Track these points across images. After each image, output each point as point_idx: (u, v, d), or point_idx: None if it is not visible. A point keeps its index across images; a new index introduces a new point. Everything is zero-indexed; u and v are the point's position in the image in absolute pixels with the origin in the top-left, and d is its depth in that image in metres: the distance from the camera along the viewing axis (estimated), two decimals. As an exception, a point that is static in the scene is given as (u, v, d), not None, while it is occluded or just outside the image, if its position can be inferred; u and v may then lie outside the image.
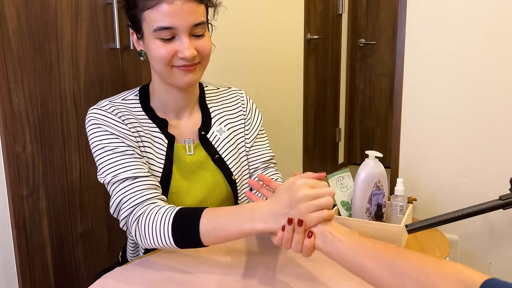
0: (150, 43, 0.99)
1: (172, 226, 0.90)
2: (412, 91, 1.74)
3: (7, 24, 1.24)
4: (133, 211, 0.97)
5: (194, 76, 1.02)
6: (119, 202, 0.98)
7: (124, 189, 0.97)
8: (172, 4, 0.94)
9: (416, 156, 1.77)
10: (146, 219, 0.94)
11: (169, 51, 0.97)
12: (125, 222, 0.98)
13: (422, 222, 1.23)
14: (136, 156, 1.01)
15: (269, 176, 1.17)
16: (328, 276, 0.91)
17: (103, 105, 1.04)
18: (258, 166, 1.18)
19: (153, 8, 0.95)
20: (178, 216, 0.91)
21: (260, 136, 1.20)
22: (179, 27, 0.95)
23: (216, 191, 1.11)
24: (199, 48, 0.99)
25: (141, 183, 0.98)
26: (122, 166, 0.98)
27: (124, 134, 1.01)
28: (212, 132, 1.13)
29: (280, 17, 2.76)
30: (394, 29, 3.50)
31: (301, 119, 3.16)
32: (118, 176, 0.98)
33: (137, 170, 0.98)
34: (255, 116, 1.20)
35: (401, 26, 1.72)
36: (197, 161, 1.10)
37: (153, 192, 0.99)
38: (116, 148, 1.00)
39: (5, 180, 1.29)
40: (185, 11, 0.95)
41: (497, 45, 1.58)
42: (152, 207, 0.95)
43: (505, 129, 1.61)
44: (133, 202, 0.96)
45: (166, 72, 1.00)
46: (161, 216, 0.92)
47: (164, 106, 1.08)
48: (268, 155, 1.19)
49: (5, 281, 1.33)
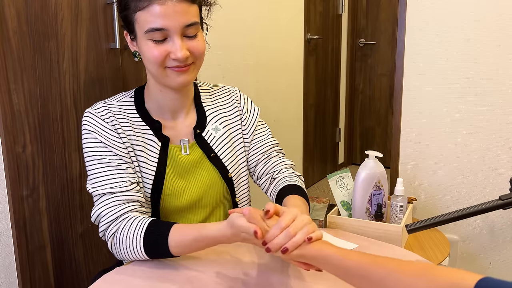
0: (142, 44, 0.98)
1: (144, 243, 0.95)
2: (412, 91, 1.74)
3: (7, 24, 1.24)
4: (109, 227, 0.99)
5: (188, 76, 1.01)
6: (98, 216, 1.00)
7: (103, 203, 1.00)
8: (164, 5, 0.93)
9: (416, 156, 1.77)
10: (120, 235, 0.97)
11: (161, 52, 0.96)
12: (103, 234, 1.01)
13: (422, 222, 1.23)
14: (120, 167, 1.02)
15: (274, 166, 1.17)
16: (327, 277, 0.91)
17: (97, 107, 1.05)
18: (259, 159, 1.18)
19: (145, 9, 0.94)
20: (147, 233, 0.95)
21: (259, 128, 1.20)
22: (171, 28, 0.95)
23: (212, 190, 1.11)
24: (192, 49, 0.99)
25: (119, 197, 0.99)
26: (104, 180, 1.00)
27: (113, 142, 1.02)
28: (208, 131, 1.13)
29: (280, 17, 2.76)
30: (394, 29, 3.51)
31: (301, 119, 3.16)
32: (98, 189, 1.00)
33: (117, 184, 1.00)
34: (251, 111, 1.20)
35: (401, 26, 1.72)
36: (192, 160, 1.10)
37: (130, 205, 1.00)
38: (103, 158, 1.01)
39: (5, 180, 1.29)
40: (177, 12, 0.94)
41: (497, 45, 1.58)
42: (124, 223, 0.98)
43: (505, 129, 1.61)
44: (109, 217, 0.99)
45: (159, 73, 1.00)
46: (133, 231, 0.96)
47: (160, 107, 1.08)
48: (267, 146, 1.19)
49: (5, 281, 1.33)
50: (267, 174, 1.17)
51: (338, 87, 3.68)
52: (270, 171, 1.17)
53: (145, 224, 0.95)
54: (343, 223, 1.27)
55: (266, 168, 1.17)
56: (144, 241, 0.94)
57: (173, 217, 1.09)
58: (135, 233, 0.95)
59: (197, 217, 1.11)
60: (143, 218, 0.97)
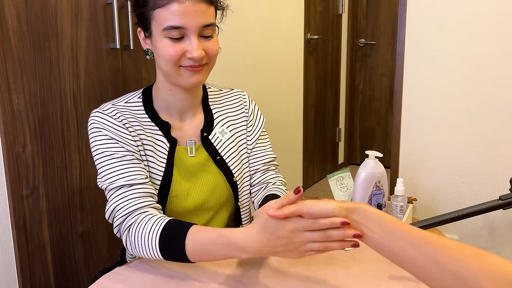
0: (158, 42, 0.99)
1: (159, 241, 0.91)
2: (412, 91, 1.74)
3: (7, 24, 1.24)
4: (125, 220, 0.97)
5: (201, 77, 1.02)
6: (113, 210, 0.99)
7: (119, 197, 0.98)
8: (183, 4, 0.94)
9: (416, 156, 1.77)
10: (136, 229, 0.95)
11: (177, 50, 0.97)
12: (118, 229, 1.00)
13: (422, 222, 1.23)
14: (134, 162, 1.01)
15: (269, 179, 1.17)
16: (336, 278, 0.91)
17: (106, 108, 1.04)
18: (259, 168, 1.18)
19: (164, 7, 0.95)
20: (165, 231, 0.91)
21: (262, 138, 1.20)
22: (189, 27, 0.95)
23: (217, 193, 1.11)
24: (207, 50, 0.99)
25: (136, 190, 0.98)
26: (119, 173, 0.99)
27: (124, 138, 1.01)
28: (214, 134, 1.12)
29: (280, 17, 2.76)
30: (394, 29, 3.51)
31: (301, 119, 3.16)
32: (114, 183, 0.98)
33: (133, 177, 0.99)
34: (257, 118, 1.20)
35: (401, 26, 1.72)
36: (198, 163, 1.10)
37: (147, 200, 0.99)
38: (114, 153, 1.00)
39: (5, 180, 1.29)
40: (196, 12, 0.95)
41: (497, 45, 1.58)
42: (142, 217, 0.96)
43: (505, 129, 1.61)
44: (125, 210, 0.97)
45: (173, 72, 1.00)
46: (149, 228, 0.93)
47: (168, 107, 1.08)
48: (268, 157, 1.19)
49: (5, 281, 1.33)
50: (261, 184, 1.17)
51: (338, 87, 3.68)
52: (264, 182, 1.17)
53: (162, 223, 0.92)
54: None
55: (262, 178, 1.17)
56: (160, 241, 0.91)
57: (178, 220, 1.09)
58: (151, 231, 0.92)
59: (201, 220, 1.11)
60: (161, 216, 0.95)
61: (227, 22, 1.11)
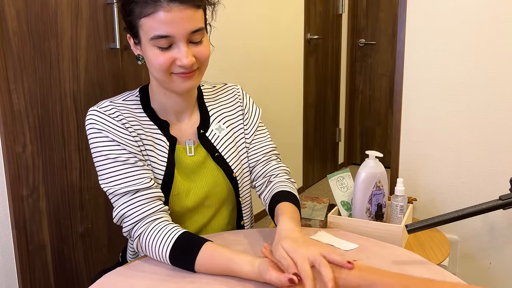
0: (147, 50, 0.97)
1: (170, 256, 0.94)
2: (412, 91, 1.74)
3: (7, 24, 1.24)
4: (134, 227, 0.98)
5: (193, 82, 1.01)
6: (121, 216, 0.99)
7: (125, 204, 0.98)
8: (170, 12, 0.92)
9: (416, 156, 1.77)
10: (147, 238, 0.96)
11: (167, 59, 0.95)
12: (128, 234, 1.01)
13: (422, 222, 1.23)
14: (137, 164, 1.00)
15: (272, 170, 1.17)
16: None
17: (104, 105, 1.03)
18: (260, 159, 1.17)
19: (150, 15, 0.93)
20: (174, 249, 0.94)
21: (260, 129, 1.20)
22: (177, 35, 0.94)
23: (217, 189, 1.11)
24: (198, 55, 0.98)
25: (142, 196, 0.98)
26: (123, 177, 0.98)
27: (125, 140, 1.01)
28: (211, 131, 1.12)
29: (280, 17, 2.76)
30: (394, 29, 3.51)
31: (301, 119, 3.16)
32: (119, 189, 0.98)
33: (138, 182, 0.99)
34: (253, 111, 1.20)
35: (401, 26, 1.72)
36: (197, 161, 1.10)
37: (154, 206, 0.99)
38: (118, 156, 0.99)
39: (5, 180, 1.29)
40: (183, 19, 0.93)
41: (497, 45, 1.58)
42: (153, 226, 0.97)
43: (505, 129, 1.61)
44: (134, 218, 0.98)
45: (165, 79, 0.99)
46: (161, 241, 0.95)
47: (164, 108, 1.08)
48: (268, 148, 1.19)
49: (5, 281, 1.33)
50: (264, 177, 1.17)
51: (338, 87, 3.68)
52: (268, 174, 1.17)
53: (174, 236, 0.94)
54: (343, 223, 1.27)
55: (264, 170, 1.17)
56: (171, 255, 0.93)
57: (180, 218, 1.09)
58: (163, 242, 0.94)
59: (203, 218, 1.11)
60: (174, 228, 0.96)
61: (227, 22, 1.11)
